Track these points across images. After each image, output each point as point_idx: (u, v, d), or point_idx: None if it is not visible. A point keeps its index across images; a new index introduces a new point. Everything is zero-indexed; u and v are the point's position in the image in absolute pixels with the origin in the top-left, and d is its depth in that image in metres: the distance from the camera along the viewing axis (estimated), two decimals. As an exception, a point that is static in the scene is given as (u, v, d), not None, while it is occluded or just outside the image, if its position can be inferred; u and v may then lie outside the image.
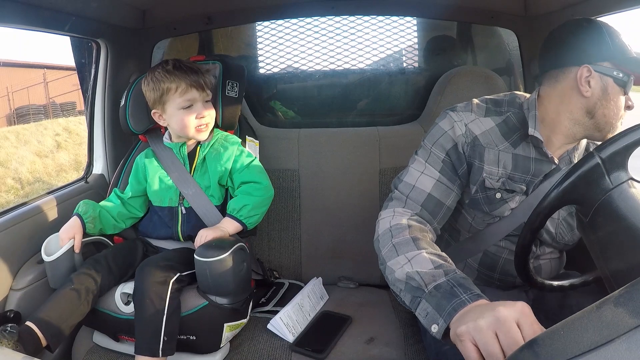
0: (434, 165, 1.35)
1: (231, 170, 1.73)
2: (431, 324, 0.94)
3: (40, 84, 15.42)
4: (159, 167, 1.76)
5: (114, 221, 1.73)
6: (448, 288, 0.96)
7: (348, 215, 2.09)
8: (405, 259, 1.10)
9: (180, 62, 1.69)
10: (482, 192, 1.36)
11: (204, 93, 1.67)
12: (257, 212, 1.69)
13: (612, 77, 1.21)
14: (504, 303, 0.82)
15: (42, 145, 11.17)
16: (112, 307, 1.51)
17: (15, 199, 8.49)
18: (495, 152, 1.34)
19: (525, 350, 0.56)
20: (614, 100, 1.22)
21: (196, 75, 1.66)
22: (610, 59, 1.22)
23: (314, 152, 2.11)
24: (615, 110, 1.23)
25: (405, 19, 2.33)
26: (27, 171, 9.90)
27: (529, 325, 0.77)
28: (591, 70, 1.22)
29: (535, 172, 1.34)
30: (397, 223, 1.23)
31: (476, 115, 1.37)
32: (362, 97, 2.47)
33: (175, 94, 1.64)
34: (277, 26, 2.39)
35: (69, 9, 1.67)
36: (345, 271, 2.09)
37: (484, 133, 1.35)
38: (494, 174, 1.34)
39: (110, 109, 2.09)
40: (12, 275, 1.58)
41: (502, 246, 1.42)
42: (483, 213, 1.39)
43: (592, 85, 1.23)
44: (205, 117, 1.68)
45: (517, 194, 1.34)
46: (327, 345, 1.57)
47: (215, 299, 1.49)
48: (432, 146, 1.37)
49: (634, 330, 0.46)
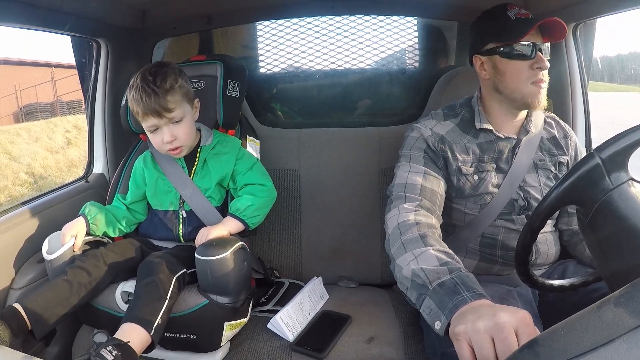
0: (417, 162, 1.49)
1: (233, 172, 1.73)
2: (434, 321, 0.97)
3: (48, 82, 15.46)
4: (157, 170, 1.76)
5: (118, 225, 1.73)
6: (451, 286, 0.99)
7: (348, 215, 2.09)
8: (412, 256, 1.14)
9: (143, 81, 1.57)
10: (462, 179, 1.51)
11: (164, 119, 1.58)
12: (260, 212, 1.69)
13: (497, 54, 1.43)
14: (506, 308, 0.82)
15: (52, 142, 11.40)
16: (112, 305, 1.51)
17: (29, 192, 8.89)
18: (462, 144, 1.52)
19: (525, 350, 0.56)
20: (507, 71, 1.42)
21: (154, 99, 1.54)
22: (491, 40, 1.45)
23: (314, 152, 2.11)
24: (512, 79, 1.43)
25: (405, 19, 2.33)
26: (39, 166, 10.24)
27: (527, 335, 0.76)
28: (480, 58, 1.50)
29: (501, 150, 1.52)
30: (404, 220, 1.29)
31: (437, 121, 1.57)
32: (363, 97, 2.47)
33: (139, 118, 1.61)
34: (277, 26, 2.38)
35: (69, 9, 1.67)
36: (345, 271, 2.10)
37: (448, 132, 1.54)
38: (467, 161, 1.51)
39: (111, 108, 2.09)
40: (12, 275, 1.59)
41: (497, 225, 1.51)
42: (472, 197, 1.52)
43: (487, 68, 1.49)
44: (172, 140, 1.61)
45: (490, 172, 1.50)
46: (327, 345, 1.57)
47: (216, 298, 1.49)
48: (410, 150, 1.53)
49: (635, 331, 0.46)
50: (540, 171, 1.52)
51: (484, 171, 1.50)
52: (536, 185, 1.51)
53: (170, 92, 1.58)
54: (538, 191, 1.51)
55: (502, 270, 1.54)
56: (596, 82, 9.71)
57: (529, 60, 1.40)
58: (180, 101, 1.61)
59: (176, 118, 1.60)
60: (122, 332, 1.28)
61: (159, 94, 1.55)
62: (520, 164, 1.50)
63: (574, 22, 1.85)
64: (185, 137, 1.64)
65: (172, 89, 1.58)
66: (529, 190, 1.50)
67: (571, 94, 1.97)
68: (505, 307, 0.82)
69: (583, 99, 1.97)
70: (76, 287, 1.42)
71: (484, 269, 1.54)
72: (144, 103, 1.54)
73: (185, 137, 1.64)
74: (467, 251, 1.56)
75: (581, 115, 1.96)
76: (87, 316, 1.53)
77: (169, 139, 1.60)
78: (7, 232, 1.59)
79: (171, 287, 1.41)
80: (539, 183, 1.51)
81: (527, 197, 1.50)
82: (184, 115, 1.62)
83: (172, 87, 1.59)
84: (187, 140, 1.65)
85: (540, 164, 1.53)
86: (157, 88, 1.55)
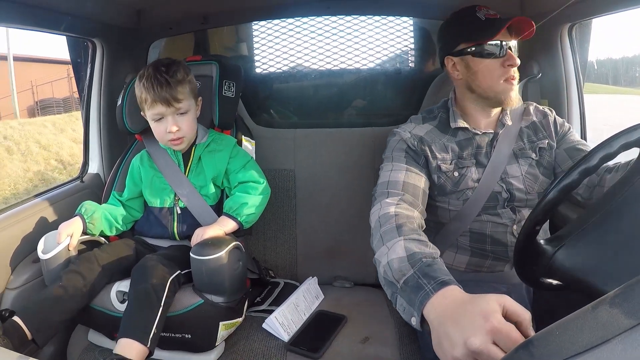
0: (399, 161, 1.52)
1: (227, 170, 1.74)
2: (410, 317, 0.98)
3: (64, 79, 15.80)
4: (154, 168, 1.77)
5: (115, 224, 1.74)
6: (414, 282, 0.99)
7: (344, 215, 2.09)
8: (386, 249, 1.15)
9: (156, 71, 1.63)
10: (443, 177, 1.54)
11: (171, 108, 1.62)
12: (254, 211, 1.69)
13: (469, 54, 1.48)
14: (470, 328, 0.78)
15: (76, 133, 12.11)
16: (107, 305, 1.51)
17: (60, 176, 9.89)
18: (440, 143, 1.56)
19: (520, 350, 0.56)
20: (480, 70, 1.47)
21: (165, 89, 1.60)
22: (462, 40, 1.50)
23: (310, 152, 2.11)
24: (485, 77, 1.48)
25: (401, 19, 2.33)
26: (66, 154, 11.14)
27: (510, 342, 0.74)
28: (452, 59, 1.54)
29: (480, 145, 1.56)
30: (385, 213, 1.29)
31: (415, 124, 1.63)
32: (358, 97, 2.46)
33: (146, 105, 1.64)
34: (273, 26, 2.38)
35: (64, 9, 1.67)
36: (340, 271, 2.10)
37: (427, 133, 1.58)
38: (446, 159, 1.54)
39: (106, 108, 2.09)
40: (8, 275, 1.58)
41: (484, 220, 1.54)
42: (454, 193, 1.55)
43: (459, 69, 1.53)
44: (176, 130, 1.65)
45: (470, 168, 1.54)
46: (322, 345, 1.58)
47: (211, 298, 1.49)
48: (392, 152, 1.56)
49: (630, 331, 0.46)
50: (521, 160, 1.55)
51: (463, 167, 1.53)
52: (518, 175, 1.54)
53: (181, 84, 1.64)
54: (520, 181, 1.53)
55: (495, 266, 1.55)
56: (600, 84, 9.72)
57: (500, 59, 1.45)
58: (189, 95, 1.67)
59: (182, 109, 1.65)
60: (120, 347, 1.31)
61: (171, 83, 1.61)
62: (500, 156, 1.53)
63: (570, 22, 1.86)
64: (188, 129, 1.68)
65: (183, 81, 1.65)
66: (511, 182, 1.52)
67: (566, 95, 1.97)
68: (469, 326, 0.79)
69: (579, 99, 1.97)
70: (72, 291, 1.43)
71: (476, 264, 1.56)
72: (155, 90, 1.59)
73: (188, 129, 1.68)
74: (458, 247, 1.58)
75: (577, 115, 1.96)
76: (83, 316, 1.53)
77: (174, 129, 1.64)
78: (2, 232, 1.59)
79: (165, 292, 1.41)
80: (520, 172, 1.54)
81: (510, 188, 1.52)
82: (189, 108, 1.67)
83: (184, 79, 1.66)
84: (189, 132, 1.70)
85: (520, 153, 1.55)
86: (170, 78, 1.61)
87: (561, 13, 1.79)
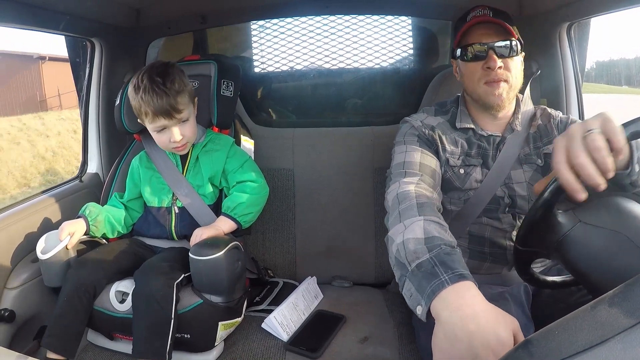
0: (413, 144, 1.50)
1: (225, 170, 1.74)
2: (415, 305, 0.92)
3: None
4: (152, 168, 1.77)
5: (117, 227, 1.74)
6: (429, 267, 0.93)
7: (342, 214, 2.09)
8: (403, 227, 1.10)
9: (152, 82, 1.57)
10: (449, 171, 1.52)
11: (174, 120, 1.60)
12: (251, 210, 1.69)
13: (459, 57, 1.52)
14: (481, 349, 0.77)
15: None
16: (106, 305, 1.51)
17: None
18: (452, 137, 1.55)
19: (519, 350, 0.56)
20: (465, 73, 1.50)
21: (165, 99, 1.56)
22: (455, 44, 1.53)
23: (308, 152, 2.11)
24: (468, 80, 1.50)
25: (399, 19, 2.33)
26: None
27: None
28: (454, 61, 1.58)
29: (486, 147, 1.53)
30: (404, 190, 1.26)
31: (427, 115, 1.61)
32: (357, 96, 2.46)
33: (147, 119, 1.61)
34: (271, 25, 2.38)
35: (63, 8, 1.66)
36: (339, 270, 2.09)
37: (438, 124, 1.57)
38: (455, 153, 1.52)
39: (105, 108, 2.08)
40: (7, 274, 1.58)
41: (484, 223, 1.51)
42: (457, 191, 1.52)
43: (457, 71, 1.58)
44: (180, 139, 1.64)
45: (476, 167, 1.52)
46: (321, 345, 1.58)
47: (210, 298, 1.49)
48: (404, 137, 1.54)
49: (629, 330, 0.46)
50: (526, 166, 1.51)
51: (470, 165, 1.52)
52: (522, 181, 1.50)
53: (180, 94, 1.60)
54: (524, 188, 1.50)
55: (493, 269, 1.54)
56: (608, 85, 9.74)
57: (481, 61, 1.44)
58: (188, 102, 1.64)
59: (184, 118, 1.63)
60: None
61: (170, 95, 1.57)
62: (505, 160, 1.51)
63: (568, 21, 1.85)
64: (191, 134, 1.68)
65: (182, 90, 1.61)
66: (514, 188, 1.49)
67: (565, 94, 1.97)
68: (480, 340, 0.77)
69: (577, 99, 1.97)
70: (77, 301, 1.45)
71: (474, 266, 1.54)
72: (155, 104, 1.56)
73: (191, 134, 1.68)
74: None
75: (575, 115, 1.96)
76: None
77: (178, 138, 1.63)
78: (1, 232, 1.59)
79: (174, 301, 1.42)
80: (524, 179, 1.51)
81: (513, 194, 1.49)
82: (190, 114, 1.66)
83: (182, 88, 1.61)
84: (192, 137, 1.70)
85: (525, 159, 1.52)
86: (168, 90, 1.57)
87: (559, 12, 1.79)
